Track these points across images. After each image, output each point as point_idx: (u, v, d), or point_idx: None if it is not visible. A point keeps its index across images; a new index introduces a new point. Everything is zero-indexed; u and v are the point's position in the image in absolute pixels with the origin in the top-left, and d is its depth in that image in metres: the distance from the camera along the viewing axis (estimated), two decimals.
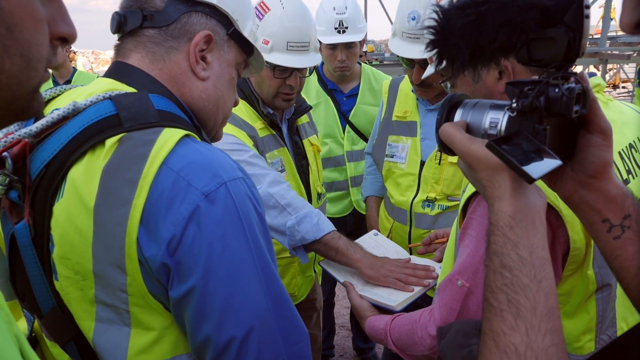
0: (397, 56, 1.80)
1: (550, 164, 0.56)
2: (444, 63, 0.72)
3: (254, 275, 0.68)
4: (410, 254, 1.54)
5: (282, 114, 1.73)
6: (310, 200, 1.73)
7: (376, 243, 1.48)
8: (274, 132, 1.64)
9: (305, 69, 1.66)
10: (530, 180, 0.53)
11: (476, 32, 0.64)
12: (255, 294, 0.68)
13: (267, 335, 0.68)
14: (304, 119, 1.81)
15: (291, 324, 0.72)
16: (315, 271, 1.83)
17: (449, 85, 0.96)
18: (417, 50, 1.69)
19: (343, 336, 3.11)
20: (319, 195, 1.78)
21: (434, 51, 0.76)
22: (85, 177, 0.68)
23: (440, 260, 1.34)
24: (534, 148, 0.56)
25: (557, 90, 0.58)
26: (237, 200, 0.68)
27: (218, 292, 0.66)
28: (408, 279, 1.27)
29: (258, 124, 1.60)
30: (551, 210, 0.79)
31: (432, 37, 0.72)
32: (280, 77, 1.58)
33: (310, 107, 1.81)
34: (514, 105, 0.59)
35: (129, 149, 0.68)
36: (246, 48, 0.89)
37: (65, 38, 0.48)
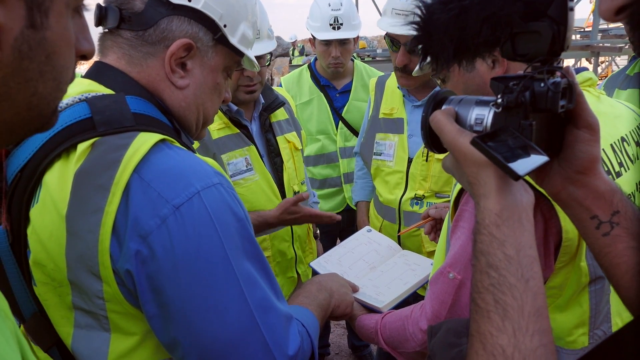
0: (385, 37, 1.78)
1: (536, 160, 0.55)
2: (429, 59, 0.68)
3: (233, 287, 0.66)
4: (399, 242, 1.54)
5: (252, 111, 1.70)
6: (283, 199, 1.69)
7: (369, 240, 1.47)
8: (238, 131, 1.60)
9: (263, 57, 1.63)
10: (516, 177, 0.52)
11: (459, 27, 0.62)
12: (235, 307, 0.66)
13: (253, 347, 0.67)
14: (279, 115, 1.78)
15: (280, 335, 0.69)
16: (298, 272, 1.80)
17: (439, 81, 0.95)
18: (406, 28, 1.68)
19: (338, 334, 3.11)
20: (296, 194, 1.74)
21: (418, 47, 0.74)
22: (58, 182, 0.67)
23: (429, 233, 1.34)
24: (520, 144, 0.55)
25: (542, 84, 0.57)
26: (212, 210, 0.66)
27: (194, 309, 0.64)
28: None
29: (214, 125, 1.57)
30: (543, 201, 0.78)
31: (415, 33, 0.69)
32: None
33: (284, 103, 1.78)
34: (499, 100, 0.58)
35: (101, 154, 0.66)
36: (238, 50, 0.86)
37: (85, 55, 0.50)
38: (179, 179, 0.66)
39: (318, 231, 2.08)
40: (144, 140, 0.67)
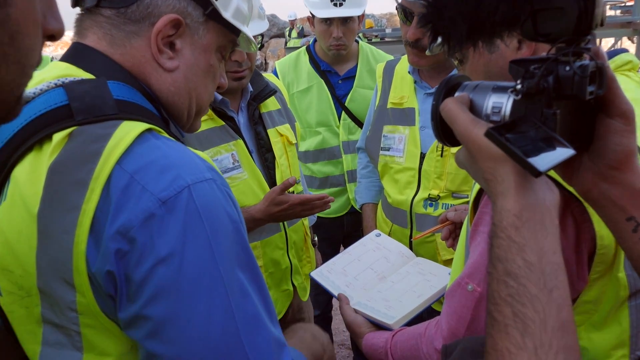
0: (396, 7, 1.77)
1: (561, 154, 0.55)
2: (439, 40, 0.69)
3: (219, 297, 0.66)
4: (411, 248, 1.55)
5: (238, 100, 1.70)
6: None
7: (377, 245, 1.48)
8: (223, 123, 1.61)
9: (257, 37, 1.64)
10: (537, 173, 0.52)
11: (474, 3, 0.62)
12: (218, 321, 0.65)
13: None
14: (270, 105, 1.78)
15: (265, 356, 0.68)
16: (293, 284, 1.81)
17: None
18: None
19: (343, 356, 3.10)
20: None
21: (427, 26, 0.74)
22: (29, 177, 0.67)
23: (446, 238, 1.34)
24: (543, 136, 0.55)
25: (567, 68, 0.57)
26: (202, 207, 0.66)
27: (172, 317, 0.64)
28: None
29: None
30: (575, 203, 0.78)
31: (424, 10, 0.70)
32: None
33: (275, 92, 1.78)
34: (519, 86, 0.58)
35: (79, 145, 0.67)
36: (233, 27, 0.86)
37: (53, 35, 0.49)
38: (167, 171, 0.66)
39: (316, 238, 2.09)
40: (128, 130, 0.68)
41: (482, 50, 0.85)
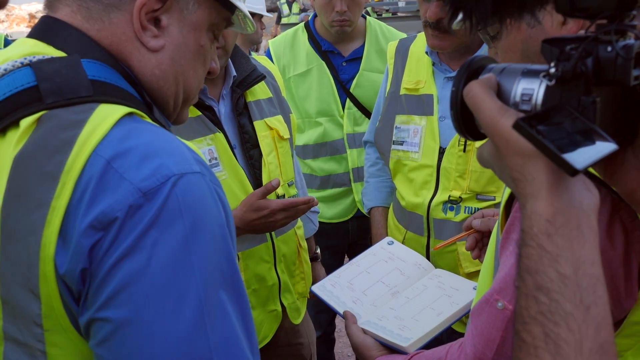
0: None
1: (601, 148, 0.55)
2: (460, 16, 0.70)
3: (191, 311, 0.66)
4: (428, 258, 1.59)
5: (220, 87, 1.69)
6: None
7: (390, 255, 1.49)
8: (200, 113, 1.60)
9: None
10: (574, 172, 0.53)
11: None
12: (188, 340, 0.65)
13: None
14: (259, 93, 1.78)
15: None
16: (282, 304, 1.80)
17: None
18: None
19: None
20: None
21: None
22: None
23: (472, 248, 1.35)
24: (580, 128, 0.56)
25: (609, 49, 0.57)
26: (184, 203, 0.67)
27: (130, 321, 0.64)
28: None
29: None
30: (624, 207, 0.78)
31: None
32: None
33: (263, 77, 1.78)
34: (553, 70, 0.58)
35: (49, 132, 0.68)
36: (227, 2, 0.87)
37: None
38: (149, 159, 0.67)
39: (318, 250, 2.09)
40: (105, 115, 0.69)
41: (520, 25, 0.86)
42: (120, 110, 0.71)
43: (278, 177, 1.74)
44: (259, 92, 1.78)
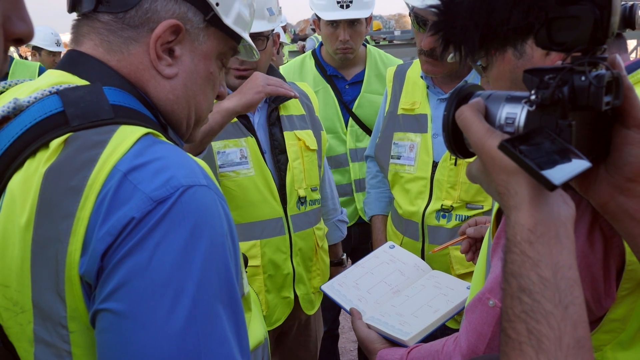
0: (410, 14, 1.86)
1: (576, 166, 0.57)
2: (450, 48, 0.73)
3: (183, 308, 0.66)
4: (423, 260, 1.62)
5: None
6: (283, 202, 1.83)
7: (391, 257, 1.55)
8: (236, 120, 1.74)
9: (262, 39, 1.75)
10: (552, 186, 0.55)
11: (486, 11, 0.65)
12: (175, 332, 0.65)
13: None
14: (292, 109, 1.92)
15: None
16: (296, 293, 1.89)
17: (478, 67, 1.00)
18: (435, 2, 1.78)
19: None
20: (301, 200, 1.87)
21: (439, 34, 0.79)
22: (23, 187, 0.72)
23: (466, 251, 1.41)
24: (558, 148, 0.58)
25: (583, 78, 0.59)
26: (189, 208, 0.69)
27: (129, 314, 0.65)
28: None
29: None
30: (603, 217, 0.79)
31: (435, 18, 0.75)
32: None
33: (293, 96, 1.83)
34: (533, 97, 0.61)
35: (75, 151, 0.71)
36: (234, 33, 0.92)
37: (21, 39, 0.51)
38: (162, 172, 0.70)
39: (344, 255, 2.11)
40: (125, 136, 0.72)
41: (509, 56, 0.89)
42: (139, 130, 0.73)
43: (301, 181, 1.87)
44: (292, 108, 1.91)
